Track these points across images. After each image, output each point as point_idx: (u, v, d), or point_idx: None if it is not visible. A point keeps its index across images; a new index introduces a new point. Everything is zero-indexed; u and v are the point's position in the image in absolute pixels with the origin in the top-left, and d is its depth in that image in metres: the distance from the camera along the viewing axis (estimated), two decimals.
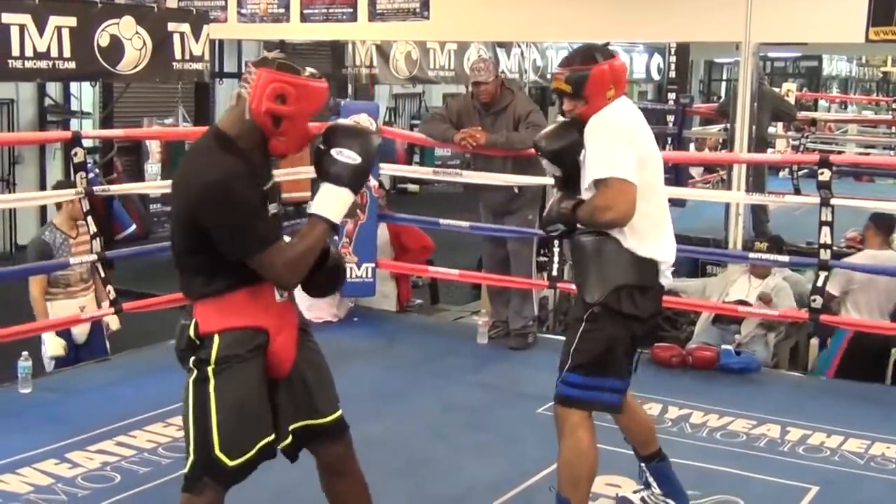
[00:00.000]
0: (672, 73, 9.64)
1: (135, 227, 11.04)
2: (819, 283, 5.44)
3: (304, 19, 8.20)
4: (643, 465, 3.59)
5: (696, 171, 11.25)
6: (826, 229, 5.37)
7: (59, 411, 4.74)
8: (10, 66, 6.89)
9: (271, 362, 2.80)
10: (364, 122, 5.97)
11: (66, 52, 7.17)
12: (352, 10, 7.96)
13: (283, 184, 7.81)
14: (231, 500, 2.84)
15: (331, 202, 2.74)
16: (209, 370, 2.72)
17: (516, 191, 5.89)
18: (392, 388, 5.22)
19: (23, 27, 6.87)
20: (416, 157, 15.62)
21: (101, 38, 7.41)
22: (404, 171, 11.32)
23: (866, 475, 4.19)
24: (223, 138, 2.71)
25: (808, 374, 6.11)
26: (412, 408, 4.93)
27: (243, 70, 3.35)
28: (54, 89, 11.57)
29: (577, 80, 3.25)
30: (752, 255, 5.91)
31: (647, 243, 3.26)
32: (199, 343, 2.73)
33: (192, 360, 2.74)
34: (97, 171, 9.67)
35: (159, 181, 9.73)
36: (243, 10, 8.50)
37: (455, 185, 7.96)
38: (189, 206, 2.65)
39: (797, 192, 8.98)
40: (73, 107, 11.81)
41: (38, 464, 4.04)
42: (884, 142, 13.56)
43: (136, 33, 7.67)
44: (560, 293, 7.19)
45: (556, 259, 6.02)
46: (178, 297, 2.93)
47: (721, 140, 11.14)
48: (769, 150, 9.99)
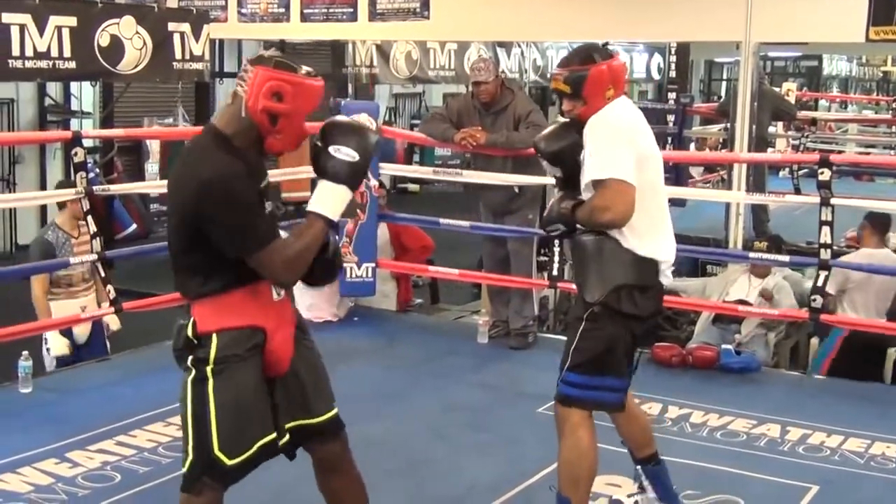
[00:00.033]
0: (672, 73, 9.63)
1: (135, 226, 11.00)
2: (819, 283, 5.45)
3: (305, 19, 8.20)
4: (639, 467, 3.59)
5: (696, 171, 11.23)
6: (826, 229, 5.37)
7: (59, 411, 4.74)
8: (10, 65, 6.88)
9: (269, 361, 2.79)
10: (364, 121, 5.95)
11: (67, 52, 7.16)
12: (352, 9, 7.95)
13: (283, 183, 7.94)
14: (231, 500, 2.84)
15: (328, 199, 2.73)
16: (208, 370, 2.71)
17: (516, 190, 5.89)
18: (392, 387, 5.22)
19: (23, 27, 6.86)
20: (417, 157, 15.57)
21: (102, 38, 7.41)
22: (404, 170, 11.31)
23: (866, 475, 4.19)
24: (220, 137, 2.70)
25: (806, 374, 6.11)
26: (412, 408, 4.93)
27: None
28: (54, 89, 11.56)
29: (576, 81, 3.25)
30: (752, 254, 5.91)
31: (648, 243, 3.26)
32: (196, 343, 2.73)
33: (191, 359, 2.74)
34: (97, 170, 9.64)
35: (159, 181, 9.72)
36: (243, 10, 8.50)
37: (455, 185, 7.99)
38: (187, 206, 2.65)
39: (797, 191, 8.99)
40: (74, 106, 11.80)
41: (39, 463, 4.05)
42: (884, 141, 13.57)
43: (137, 33, 7.66)
44: (560, 293, 7.19)
45: (556, 259, 6.02)
46: (178, 297, 2.92)
47: (721, 139, 11.13)
48: (769, 149, 9.99)
